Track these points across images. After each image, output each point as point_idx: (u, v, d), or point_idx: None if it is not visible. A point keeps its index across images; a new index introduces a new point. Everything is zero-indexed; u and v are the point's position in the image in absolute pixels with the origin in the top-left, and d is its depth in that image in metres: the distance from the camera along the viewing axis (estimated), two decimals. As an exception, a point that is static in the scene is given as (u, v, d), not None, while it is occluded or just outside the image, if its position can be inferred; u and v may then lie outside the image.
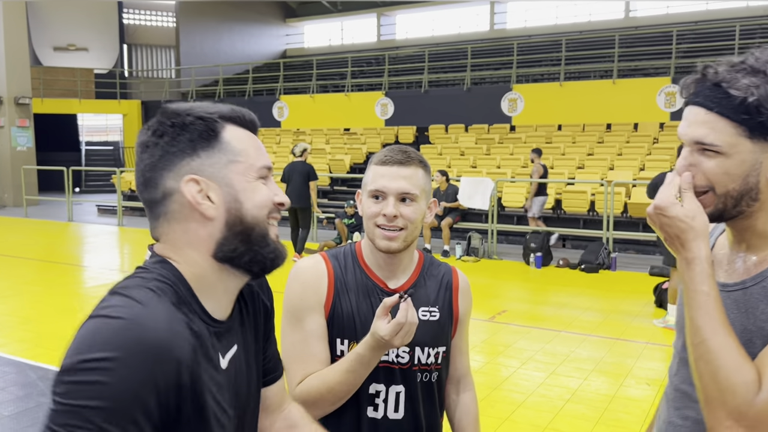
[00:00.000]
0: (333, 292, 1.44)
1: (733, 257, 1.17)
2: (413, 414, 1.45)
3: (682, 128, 1.12)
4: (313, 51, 27.32)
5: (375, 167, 1.43)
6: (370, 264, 1.48)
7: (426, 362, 1.46)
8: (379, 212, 1.40)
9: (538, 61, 18.17)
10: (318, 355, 1.41)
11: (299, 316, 1.43)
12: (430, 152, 15.01)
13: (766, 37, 16.18)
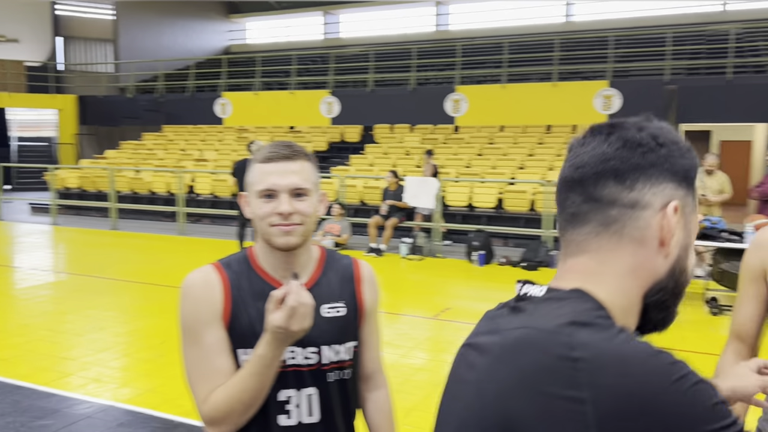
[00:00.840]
0: (230, 302, 1.36)
1: None
2: (329, 416, 1.41)
3: None
4: (257, 48, 26.97)
5: (261, 165, 1.37)
6: (266, 267, 1.41)
7: (336, 360, 1.42)
8: (272, 211, 1.35)
9: (481, 62, 18.49)
10: (221, 368, 1.34)
11: (196, 332, 1.35)
12: (376, 151, 15.07)
13: (696, 43, 16.93)
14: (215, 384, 1.33)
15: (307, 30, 27.37)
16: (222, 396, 1.31)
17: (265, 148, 1.40)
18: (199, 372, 1.35)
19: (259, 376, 1.28)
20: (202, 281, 1.38)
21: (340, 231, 10.66)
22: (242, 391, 1.29)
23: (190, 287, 1.38)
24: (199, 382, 1.34)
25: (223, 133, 18.00)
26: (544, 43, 18.45)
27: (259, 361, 1.27)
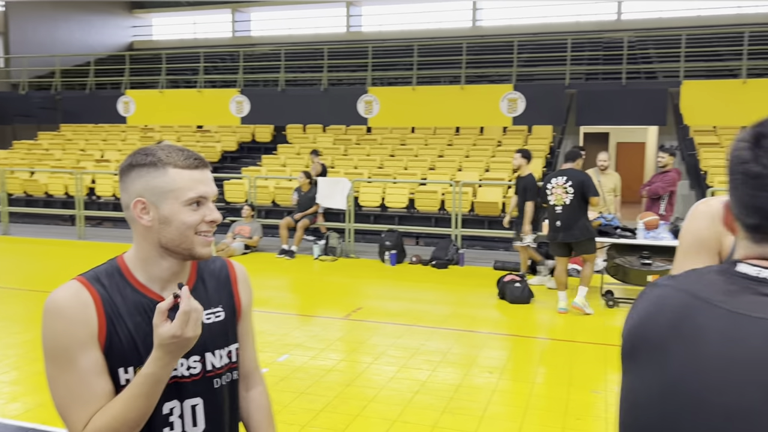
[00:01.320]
0: (105, 320, 1.27)
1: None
2: (216, 423, 1.38)
3: None
4: (162, 44, 26.02)
5: (183, 172, 1.30)
6: (144, 280, 1.34)
7: (220, 366, 1.39)
8: (202, 219, 1.32)
9: (393, 64, 18.68)
10: (100, 392, 1.26)
11: (69, 356, 1.25)
12: (288, 152, 14.91)
13: (594, 49, 17.85)
14: (94, 409, 1.25)
15: (216, 27, 26.70)
16: (105, 419, 1.24)
17: (173, 154, 1.32)
18: (75, 398, 1.25)
19: (146, 396, 1.23)
20: (73, 300, 1.27)
21: (250, 233, 10.46)
22: (128, 412, 1.23)
23: (61, 307, 1.26)
24: (76, 409, 1.25)
25: (126, 132, 17.24)
26: (453, 46, 18.88)
27: (147, 380, 1.22)
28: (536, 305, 7.11)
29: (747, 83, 13.60)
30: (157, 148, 1.32)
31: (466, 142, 14.40)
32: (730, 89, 13.71)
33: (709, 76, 15.37)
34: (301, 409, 4.10)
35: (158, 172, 1.30)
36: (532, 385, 4.63)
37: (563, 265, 6.75)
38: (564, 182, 6.55)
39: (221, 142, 16.13)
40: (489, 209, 11.30)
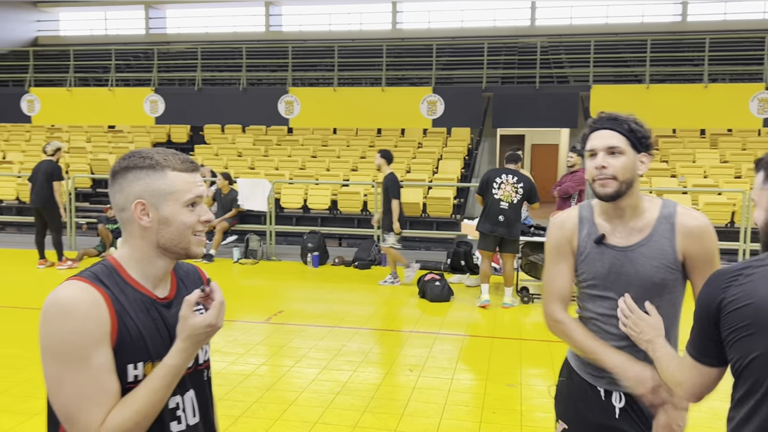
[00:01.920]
0: (116, 317, 1.30)
1: (617, 227, 1.93)
2: (206, 413, 1.48)
3: (596, 143, 1.89)
4: (70, 40, 24.78)
5: (181, 175, 1.38)
6: (139, 278, 1.38)
7: (204, 360, 1.49)
8: (198, 219, 1.40)
9: (313, 65, 18.58)
10: (113, 390, 1.28)
11: (83, 355, 1.25)
12: (206, 153, 14.54)
13: (509, 53, 18.41)
14: (108, 407, 1.26)
15: (129, 24, 25.68)
16: (127, 414, 1.26)
17: (169, 157, 1.38)
18: (87, 397, 1.25)
19: (168, 387, 1.29)
20: (86, 298, 1.28)
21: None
22: (151, 405, 1.28)
23: (76, 306, 1.26)
24: (89, 409, 1.25)
25: (30, 133, 16.30)
26: (374, 48, 18.99)
27: (171, 371, 1.29)
28: (456, 303, 7.26)
29: (650, 88, 14.42)
30: (153, 152, 1.37)
31: (388, 144, 14.52)
32: (635, 94, 14.49)
33: (616, 81, 16.18)
34: (219, 416, 3.99)
35: (158, 175, 1.35)
36: (451, 381, 4.72)
37: (490, 259, 7.03)
38: (515, 182, 6.90)
39: (134, 142, 15.54)
40: (410, 210, 11.43)
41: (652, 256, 1.88)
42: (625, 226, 1.92)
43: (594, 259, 1.95)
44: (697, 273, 1.89)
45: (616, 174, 1.84)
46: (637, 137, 1.88)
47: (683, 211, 1.92)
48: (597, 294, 1.96)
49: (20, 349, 5.31)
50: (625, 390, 1.92)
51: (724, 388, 1.54)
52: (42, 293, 6.21)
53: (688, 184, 11.41)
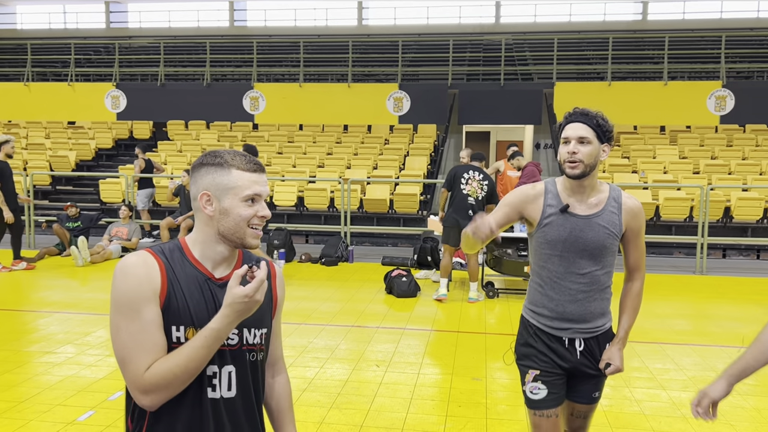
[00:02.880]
0: (166, 283, 1.51)
1: (577, 201, 2.40)
2: (244, 391, 1.60)
3: (570, 134, 2.34)
4: (27, 34, 24.13)
5: (244, 174, 1.57)
6: (201, 258, 1.59)
7: (253, 342, 1.61)
8: (255, 214, 1.57)
9: (279, 61, 18.45)
10: (159, 343, 1.48)
11: (136, 308, 1.48)
12: (169, 149, 14.32)
13: (475, 50, 18.55)
14: (153, 356, 1.46)
15: (89, 18, 25.11)
16: (168, 366, 1.45)
17: (237, 157, 1.57)
18: (139, 344, 1.46)
19: (208, 348, 1.46)
20: (142, 262, 1.52)
21: (128, 234, 9.96)
22: (190, 360, 1.45)
23: (132, 266, 1.50)
24: (139, 354, 1.46)
25: (-14, 129, 15.84)
26: (340, 44, 18.94)
27: (212, 334, 1.45)
28: (422, 298, 7.30)
29: (612, 86, 14.68)
30: (225, 152, 1.59)
31: (354, 140, 14.51)
32: (598, 91, 14.75)
33: (579, 79, 16.45)
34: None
35: (224, 172, 1.55)
36: (417, 376, 4.75)
37: (452, 254, 7.11)
38: (481, 179, 7.07)
39: (95, 139, 15.23)
40: (377, 206, 11.46)
41: (605, 225, 2.38)
42: (584, 201, 2.40)
43: (557, 224, 2.40)
44: (631, 243, 2.47)
45: (584, 159, 2.31)
46: (603, 131, 2.34)
47: (626, 194, 2.47)
48: (557, 254, 2.41)
49: (-24, 350, 5.17)
50: (584, 336, 2.45)
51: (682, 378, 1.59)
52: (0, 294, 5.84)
53: (649, 180, 11.67)
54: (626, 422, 3.97)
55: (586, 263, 2.39)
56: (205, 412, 1.54)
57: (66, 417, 3.91)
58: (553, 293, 2.44)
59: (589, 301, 2.42)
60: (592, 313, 2.44)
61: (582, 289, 2.41)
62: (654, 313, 6.80)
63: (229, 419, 1.58)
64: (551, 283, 2.45)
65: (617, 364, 2.43)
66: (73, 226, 9.87)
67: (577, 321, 2.44)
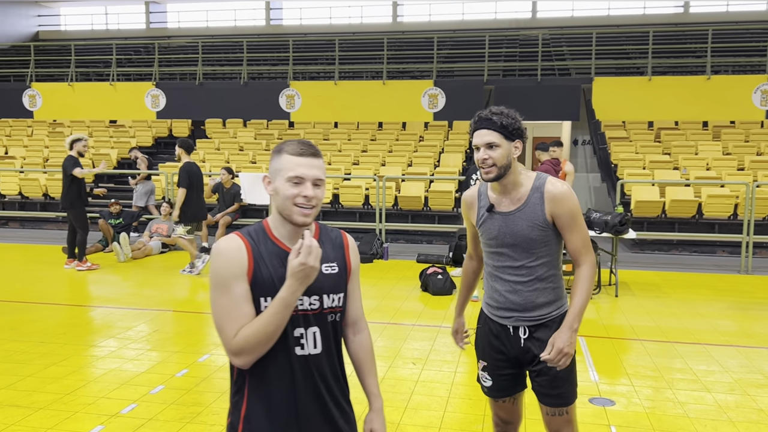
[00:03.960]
0: (252, 261, 1.74)
1: (502, 198, 2.50)
2: (328, 348, 1.82)
3: (478, 141, 2.42)
4: (71, 35, 24.76)
5: (291, 158, 1.76)
6: (279, 236, 1.80)
7: (332, 306, 1.83)
8: (299, 194, 1.74)
9: (314, 58, 18.55)
10: (247, 313, 1.72)
11: (227, 284, 1.72)
12: (207, 147, 14.54)
13: (511, 46, 18.35)
14: (241, 324, 1.71)
15: (130, 18, 25.63)
16: (250, 331, 1.69)
17: (291, 144, 1.78)
18: (229, 314, 1.71)
19: (279, 314, 1.68)
20: (233, 245, 1.76)
21: (168, 231, 10.14)
22: (266, 325, 1.68)
23: (225, 248, 1.75)
24: (229, 323, 1.71)
25: (32, 128, 16.31)
26: (374, 41, 18.94)
27: (281, 302, 1.67)
28: (458, 296, 7.25)
29: (652, 80, 14.36)
30: (286, 142, 1.80)
31: (389, 137, 14.50)
32: (638, 86, 14.45)
33: (618, 74, 16.13)
34: (223, 409, 4.01)
35: (278, 157, 1.79)
36: (455, 374, 4.72)
37: None
38: None
39: (136, 137, 15.54)
40: (412, 203, 11.44)
41: (527, 219, 2.45)
42: (507, 198, 2.50)
43: (488, 223, 2.54)
44: (566, 230, 2.47)
45: (496, 162, 2.40)
46: (509, 130, 2.41)
47: (550, 181, 2.48)
48: (493, 251, 2.55)
49: (24, 344, 5.33)
50: (528, 324, 2.53)
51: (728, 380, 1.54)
52: (46, 289, 6.21)
53: (691, 177, 11.39)
54: (670, 425, 3.88)
55: (519, 256, 2.49)
56: (295, 366, 1.77)
57: (110, 409, 4.00)
58: (497, 284, 2.57)
59: (529, 292, 2.50)
60: (535, 303, 2.51)
61: (519, 281, 2.51)
62: (697, 313, 6.64)
63: (316, 372, 1.80)
64: (494, 276, 2.59)
65: (558, 345, 2.36)
66: (115, 223, 10.10)
67: (520, 310, 2.53)
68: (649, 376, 4.72)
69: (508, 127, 2.39)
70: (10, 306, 6.65)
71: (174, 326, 5.99)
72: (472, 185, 7.04)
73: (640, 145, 13.04)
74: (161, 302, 6.93)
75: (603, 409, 4.12)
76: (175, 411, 3.98)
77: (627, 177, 11.23)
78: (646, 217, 10.69)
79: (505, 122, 2.39)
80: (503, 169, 2.41)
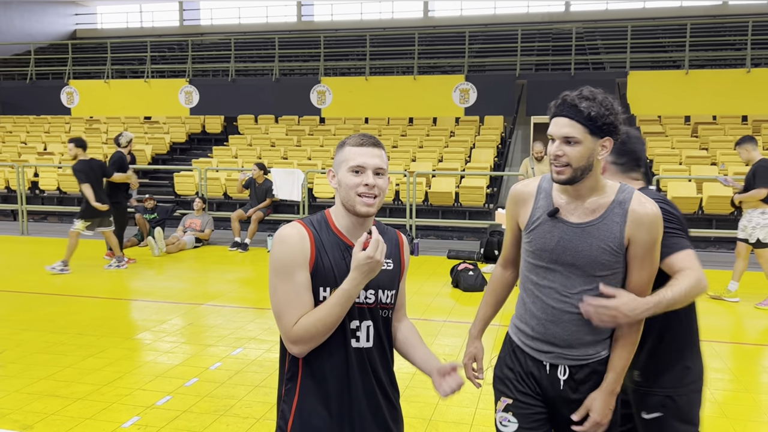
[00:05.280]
0: (314, 251, 1.75)
1: (573, 205, 1.99)
2: (379, 342, 1.84)
3: (554, 131, 1.92)
4: (107, 33, 25.24)
5: (352, 148, 1.77)
6: (340, 227, 1.81)
7: (386, 302, 1.84)
8: (360, 182, 1.75)
9: (345, 54, 18.58)
10: (307, 301, 1.73)
11: (289, 272, 1.72)
12: (239, 143, 14.69)
13: (544, 40, 18.13)
14: (301, 312, 1.72)
15: (164, 16, 26.03)
16: (310, 320, 1.70)
17: (354, 137, 1.79)
18: (290, 302, 1.73)
19: (340, 306, 1.69)
20: (296, 233, 1.76)
21: (201, 226, 10.28)
22: (327, 316, 1.69)
23: (288, 236, 1.76)
24: (290, 310, 1.72)
25: (70, 124, 16.67)
26: (405, 37, 18.89)
27: (344, 294, 1.68)
28: (489, 293, 7.20)
29: (689, 74, 14.05)
30: (350, 135, 1.81)
31: (420, 133, 14.46)
32: (674, 80, 14.14)
33: (654, 67, 15.81)
34: (256, 402, 4.05)
35: (342, 149, 1.81)
36: (486, 371, 4.69)
37: None
38: None
39: (170, 133, 15.77)
40: (443, 199, 11.39)
41: (600, 237, 1.94)
42: (579, 205, 1.98)
43: (545, 230, 2.02)
44: (635, 261, 1.96)
45: (571, 162, 1.89)
46: (597, 125, 1.88)
47: (638, 198, 1.97)
48: (542, 265, 2.03)
49: (62, 336, 5.46)
50: (570, 363, 2.03)
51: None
52: (83, 282, 6.32)
53: (729, 172, 11.11)
54: (707, 425, 3.79)
55: (577, 280, 1.97)
56: (350, 358, 1.78)
57: (145, 401, 4.07)
58: (536, 309, 2.05)
59: (577, 325, 1.99)
60: (581, 340, 2.01)
61: (568, 310, 1.99)
62: (736, 312, 6.48)
63: (370, 365, 1.82)
64: (534, 297, 2.06)
65: (595, 417, 1.97)
66: (150, 218, 10.27)
67: (561, 345, 2.03)
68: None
69: (597, 119, 1.87)
70: (49, 299, 6.82)
71: (207, 320, 6.07)
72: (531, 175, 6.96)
73: (676, 140, 12.77)
74: (195, 296, 7.02)
75: (638, 408, 4.04)
76: (209, 403, 4.04)
77: (663, 173, 11.01)
78: (682, 214, 10.46)
79: (595, 113, 1.86)
80: (579, 172, 1.90)
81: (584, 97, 1.89)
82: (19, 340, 5.30)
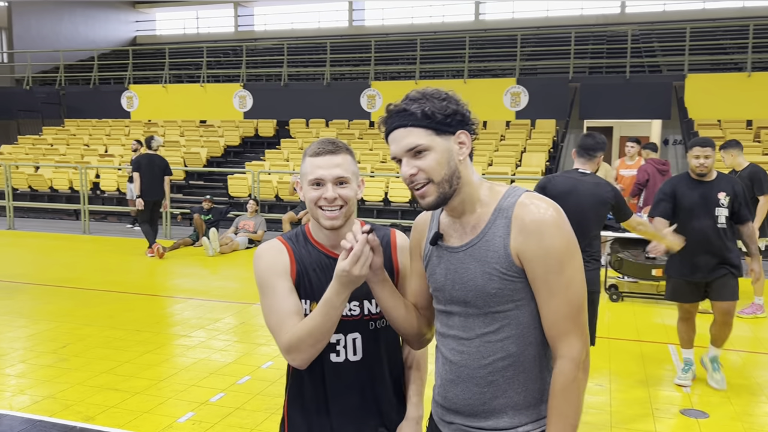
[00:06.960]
0: (294, 263, 1.71)
1: (456, 225, 1.55)
2: (372, 356, 1.72)
3: (395, 149, 1.50)
4: (165, 39, 26.02)
5: (310, 159, 1.66)
6: (318, 239, 1.74)
7: (375, 312, 1.72)
8: (320, 196, 1.64)
9: (395, 58, 18.65)
10: (294, 308, 1.65)
11: (271, 284, 1.68)
12: (291, 146, 14.92)
13: (598, 42, 17.79)
14: (291, 321, 1.64)
15: (219, 22, 26.69)
16: (298, 330, 1.61)
17: (313, 145, 1.69)
18: (277, 313, 1.66)
19: (325, 316, 1.57)
20: (273, 248, 1.74)
21: (254, 227, 10.49)
22: (312, 327, 1.58)
23: (265, 251, 1.74)
24: (279, 320, 1.65)
25: (129, 127, 17.26)
26: (456, 40, 18.83)
27: (327, 303, 1.57)
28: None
29: (752, 77, 13.55)
30: (312, 143, 1.70)
31: (470, 137, 14.37)
32: (735, 82, 13.66)
33: (714, 70, 15.31)
34: (265, 409, 4.11)
35: (303, 160, 1.71)
36: None
37: None
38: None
39: (224, 137, 16.15)
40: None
41: (481, 259, 1.47)
42: (460, 223, 1.53)
43: (434, 264, 1.58)
44: (540, 285, 1.43)
45: (431, 176, 1.45)
46: (439, 121, 1.46)
47: (526, 200, 1.46)
48: (440, 309, 1.59)
49: (122, 331, 5.66)
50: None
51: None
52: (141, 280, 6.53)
53: (794, 179, 10.65)
54: (768, 442, 3.66)
55: (474, 322, 1.49)
56: (326, 373, 1.71)
57: (200, 397, 4.19)
58: (439, 366, 1.60)
59: (478, 385, 1.49)
60: (489, 406, 1.49)
61: (466, 363, 1.50)
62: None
63: (356, 379, 1.72)
64: (438, 352, 1.62)
65: None
66: (205, 219, 10.54)
67: (464, 413, 1.54)
68: (745, 388, 4.47)
69: (436, 114, 1.47)
70: (109, 296, 7.08)
71: (259, 319, 6.19)
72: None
73: (737, 145, 12.32)
74: (247, 296, 7.17)
75: (696, 421, 3.93)
76: (261, 401, 4.12)
77: (722, 179, 10.63)
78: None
79: (430, 109, 1.47)
80: (447, 184, 1.46)
81: (411, 98, 1.51)
82: (81, 335, 5.53)
